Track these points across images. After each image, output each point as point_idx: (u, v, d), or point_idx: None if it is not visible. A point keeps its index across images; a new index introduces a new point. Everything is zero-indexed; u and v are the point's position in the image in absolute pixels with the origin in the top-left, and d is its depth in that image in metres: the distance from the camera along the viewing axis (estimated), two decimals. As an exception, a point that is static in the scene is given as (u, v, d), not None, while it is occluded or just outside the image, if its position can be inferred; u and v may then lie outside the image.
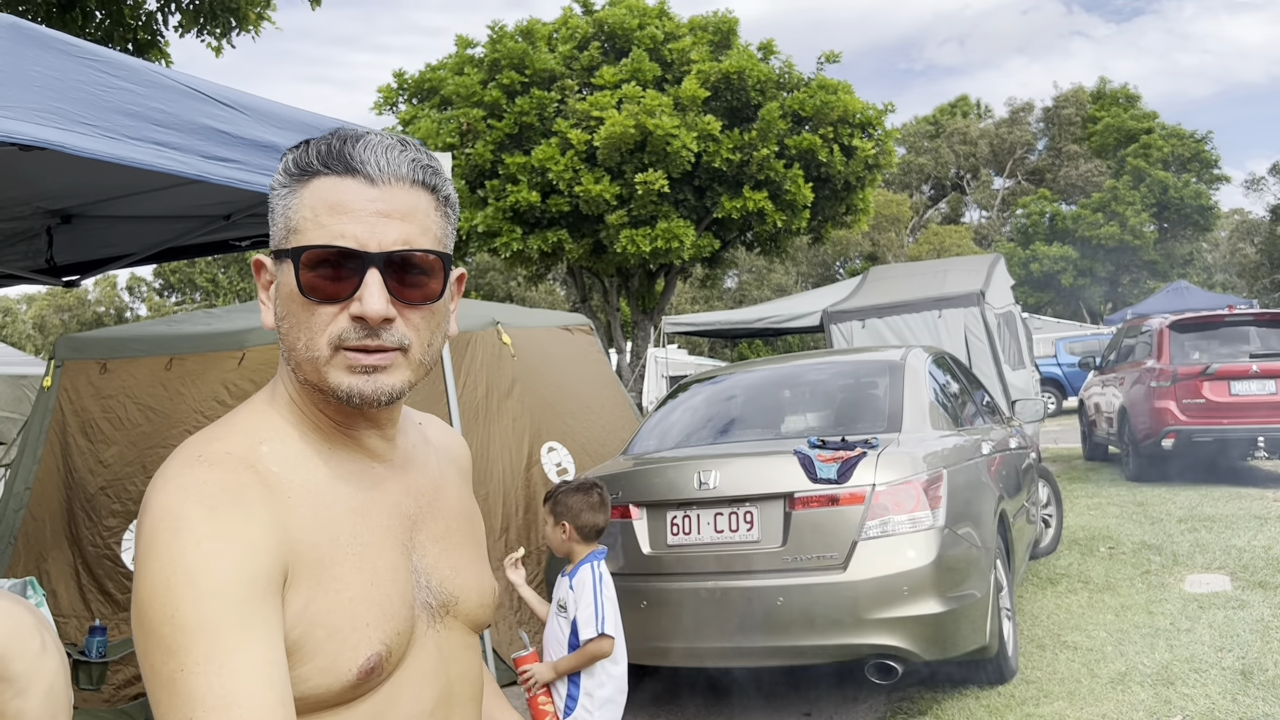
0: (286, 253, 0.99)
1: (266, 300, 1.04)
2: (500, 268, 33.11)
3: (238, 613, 0.87)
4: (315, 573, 0.95)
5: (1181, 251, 39.18)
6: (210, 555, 0.87)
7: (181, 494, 0.90)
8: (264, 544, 0.91)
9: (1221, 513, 8.16)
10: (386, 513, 1.04)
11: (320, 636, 0.93)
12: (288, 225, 0.99)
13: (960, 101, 52.85)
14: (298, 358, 0.99)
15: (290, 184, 1.00)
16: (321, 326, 0.97)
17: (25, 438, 5.40)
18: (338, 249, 0.96)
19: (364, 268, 0.96)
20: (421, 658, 1.03)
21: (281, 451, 0.99)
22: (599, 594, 3.20)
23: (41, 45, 2.24)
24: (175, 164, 2.54)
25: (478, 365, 5.54)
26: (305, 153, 1.00)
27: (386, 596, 0.99)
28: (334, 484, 1.01)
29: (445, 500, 1.14)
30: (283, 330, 1.01)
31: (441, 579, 1.08)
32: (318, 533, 0.97)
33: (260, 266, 1.05)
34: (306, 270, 0.97)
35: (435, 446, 1.19)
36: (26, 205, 4.02)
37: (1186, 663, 4.54)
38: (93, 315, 46.65)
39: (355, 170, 0.98)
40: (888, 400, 4.78)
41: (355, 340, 0.97)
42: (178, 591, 0.86)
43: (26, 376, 9.84)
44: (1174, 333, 9.93)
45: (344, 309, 0.97)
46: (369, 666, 0.95)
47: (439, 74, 16.05)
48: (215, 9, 8.29)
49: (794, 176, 14.86)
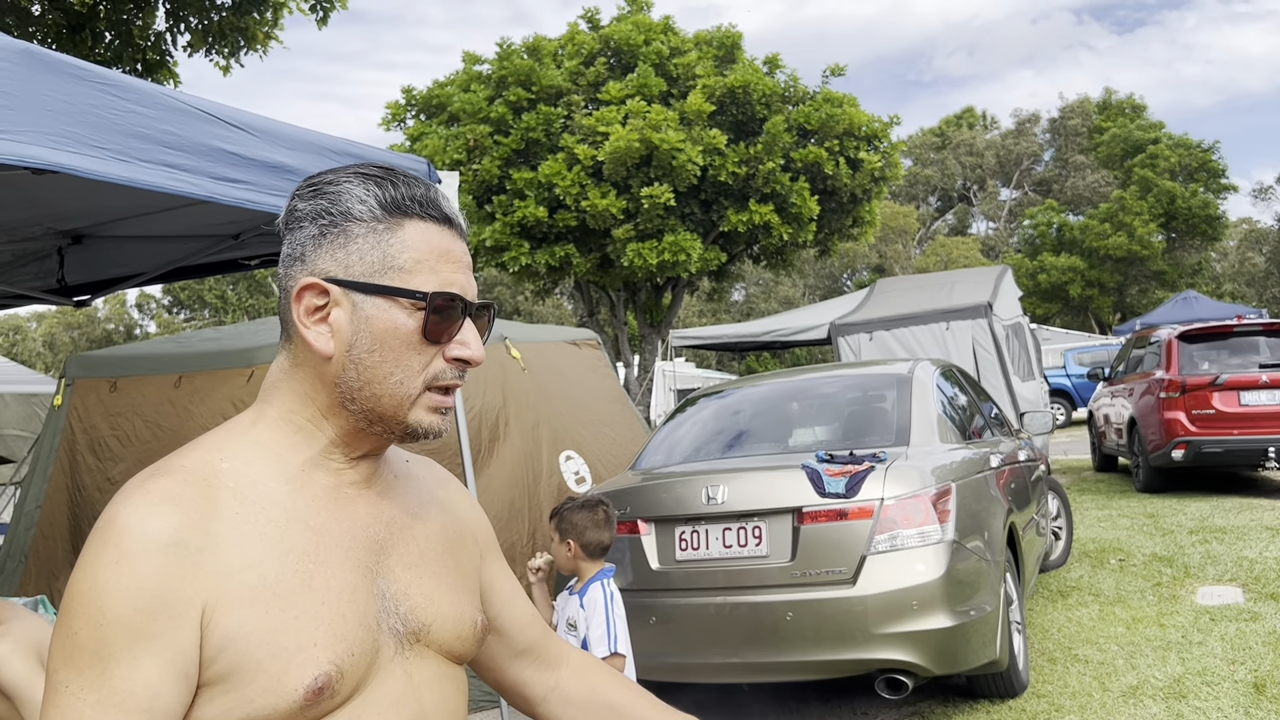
0: (400, 291, 1.01)
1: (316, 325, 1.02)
2: (508, 282, 33.20)
3: (130, 646, 0.89)
4: (253, 592, 0.94)
5: (1190, 261, 39.08)
6: (123, 583, 0.89)
7: (123, 504, 0.93)
8: (180, 574, 0.91)
9: (1233, 524, 8.12)
10: (349, 534, 1.03)
11: (262, 656, 0.93)
12: (387, 263, 1.01)
13: (966, 113, 52.92)
14: (379, 390, 1.02)
15: (385, 219, 1.02)
16: (421, 366, 1.03)
17: (36, 456, 5.43)
18: (461, 299, 1.04)
19: (463, 315, 1.05)
20: (389, 684, 1.02)
21: (241, 470, 1.00)
22: (610, 613, 3.21)
23: (53, 70, 2.26)
24: (185, 185, 2.56)
25: (491, 378, 5.56)
26: (394, 192, 1.03)
27: (339, 616, 0.98)
28: (292, 502, 1.01)
29: (422, 529, 1.13)
30: (366, 363, 1.01)
31: (412, 606, 1.07)
32: (261, 550, 0.96)
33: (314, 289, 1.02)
34: (433, 314, 1.02)
35: (419, 481, 1.20)
36: (38, 226, 4.05)
37: (1198, 676, 4.52)
38: (102, 332, 46.85)
39: (452, 222, 1.07)
40: (896, 414, 4.78)
41: (450, 380, 1.04)
42: (85, 609, 0.90)
43: (37, 395, 9.89)
44: (1183, 343, 9.90)
45: (439, 351, 1.04)
46: (316, 686, 0.94)
47: (446, 90, 16.14)
48: (224, 29, 8.36)
49: (800, 189, 14.88)
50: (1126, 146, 40.17)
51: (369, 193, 1.03)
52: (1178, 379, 9.56)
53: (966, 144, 49.53)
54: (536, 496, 5.57)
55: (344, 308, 1.02)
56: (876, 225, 17.01)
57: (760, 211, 14.67)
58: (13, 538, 5.31)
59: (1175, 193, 36.93)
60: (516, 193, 14.90)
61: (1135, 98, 43.42)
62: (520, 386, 5.80)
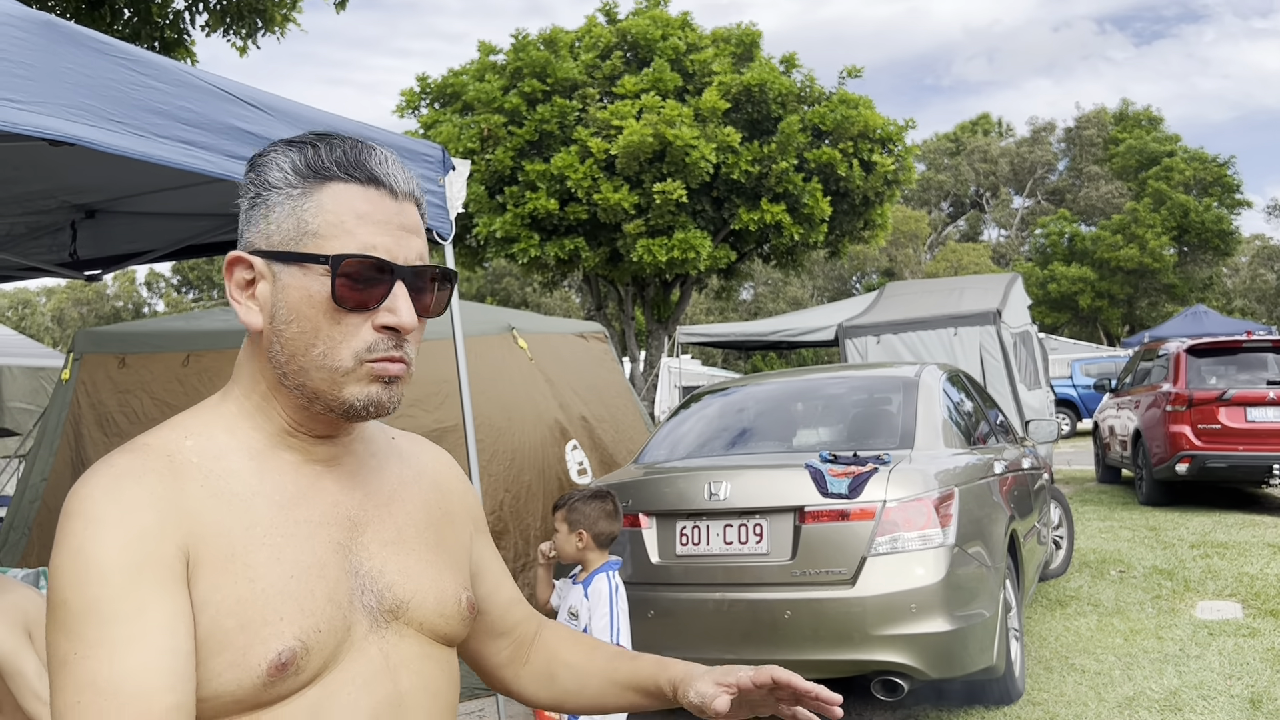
0: (311, 257, 0.97)
1: (247, 300, 1.01)
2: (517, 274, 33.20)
3: (130, 597, 0.87)
4: (224, 560, 0.93)
5: (1201, 276, 38.93)
6: (99, 538, 0.87)
7: (88, 479, 0.92)
8: (158, 528, 0.90)
9: (1234, 540, 8.10)
10: (319, 510, 1.01)
11: (230, 627, 0.91)
12: (301, 228, 0.97)
13: (981, 119, 52.75)
14: (305, 363, 0.98)
15: (301, 185, 0.98)
16: (346, 337, 0.97)
17: (42, 429, 5.45)
18: (377, 261, 0.97)
19: (392, 280, 0.98)
20: (361, 663, 0.99)
21: (205, 446, 0.98)
22: (615, 606, 3.22)
23: (74, 42, 2.27)
24: (201, 163, 2.57)
25: (498, 368, 5.57)
26: (316, 155, 0.99)
27: (307, 591, 0.96)
28: (258, 477, 0.99)
29: (401, 506, 1.10)
30: (287, 335, 0.98)
31: (388, 582, 1.04)
32: (230, 520, 0.95)
33: (240, 263, 1.01)
34: (340, 278, 0.96)
35: (405, 456, 1.17)
36: (52, 199, 4.06)
37: (1195, 689, 4.51)
38: (111, 310, 46.99)
39: (379, 182, 0.99)
40: (901, 417, 4.78)
41: (383, 352, 0.98)
42: (73, 575, 0.87)
43: (45, 369, 9.92)
44: (1191, 357, 9.87)
45: (368, 319, 0.97)
46: (280, 662, 0.92)
47: (461, 79, 16.13)
48: (242, 9, 8.37)
49: (813, 190, 14.86)
50: (1141, 158, 40.02)
51: (287, 159, 1.00)
52: (1184, 393, 9.54)
53: (981, 150, 49.38)
54: (542, 485, 5.58)
55: (268, 280, 0.99)
56: (888, 229, 16.98)
57: (772, 211, 14.65)
58: (16, 510, 5.33)
59: (1189, 206, 36.77)
60: (528, 184, 14.89)
61: (1152, 110, 43.23)
62: (527, 376, 5.80)
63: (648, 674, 1.23)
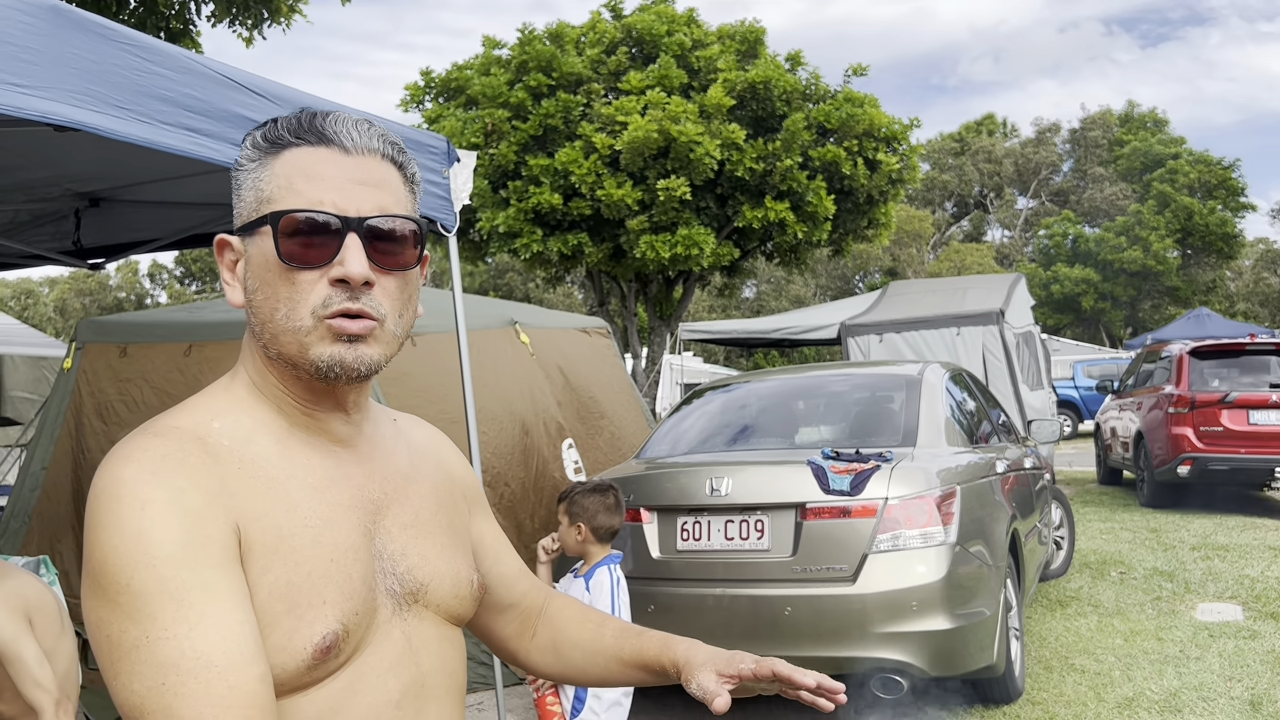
0: (261, 221, 0.97)
1: (232, 279, 1.03)
2: (519, 269, 33.20)
3: (196, 575, 0.86)
4: (273, 542, 0.93)
5: (1204, 278, 38.89)
6: (156, 519, 0.86)
7: (125, 463, 0.89)
8: (210, 509, 0.89)
9: (1235, 542, 8.09)
10: (347, 493, 1.02)
11: (279, 610, 0.91)
12: (259, 197, 0.99)
13: (986, 120, 52.67)
14: (275, 329, 0.97)
15: (260, 157, 1.00)
16: (302, 296, 0.96)
17: (43, 419, 5.45)
18: (317, 213, 0.96)
19: (343, 233, 0.96)
20: (386, 645, 1.01)
21: (233, 428, 0.98)
22: (616, 599, 3.21)
23: (79, 28, 2.26)
24: (207, 151, 2.56)
25: (500, 361, 5.56)
26: (274, 127, 1.00)
27: (346, 575, 0.96)
28: (289, 461, 0.99)
29: (416, 489, 1.11)
30: (256, 303, 0.99)
31: (409, 566, 1.05)
32: (272, 503, 0.94)
33: (225, 245, 1.03)
34: (285, 238, 0.96)
35: (410, 439, 1.17)
36: (56, 187, 4.06)
37: (1195, 691, 4.51)
38: (113, 300, 47.01)
39: (329, 140, 0.99)
40: (903, 415, 4.77)
41: (338, 305, 0.96)
42: (131, 558, 0.85)
43: (47, 358, 9.91)
44: (1193, 359, 9.85)
45: (323, 275, 0.96)
46: (324, 645, 0.93)
47: (465, 74, 16.11)
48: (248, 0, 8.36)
49: (817, 188, 14.83)
50: (1146, 160, 39.98)
51: (250, 138, 1.01)
52: (1187, 395, 9.52)
53: (985, 151, 49.31)
54: (543, 479, 5.58)
55: (243, 256, 1.01)
56: (891, 228, 16.94)
57: (776, 209, 14.63)
58: (17, 498, 5.33)
59: (1193, 209, 36.73)
60: (532, 179, 14.87)
61: (1157, 112, 43.19)
62: (528, 370, 5.80)
63: (652, 654, 1.27)
